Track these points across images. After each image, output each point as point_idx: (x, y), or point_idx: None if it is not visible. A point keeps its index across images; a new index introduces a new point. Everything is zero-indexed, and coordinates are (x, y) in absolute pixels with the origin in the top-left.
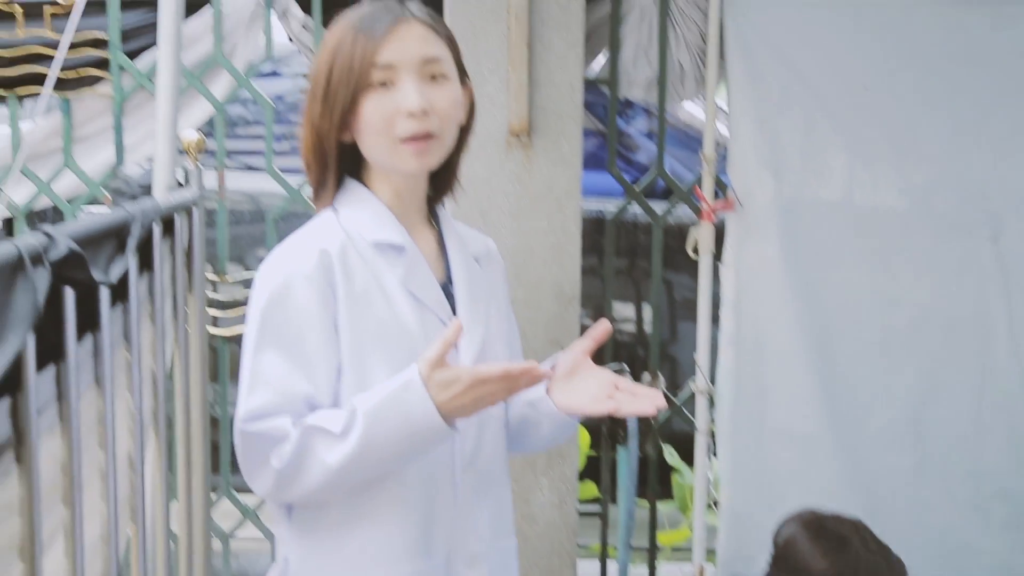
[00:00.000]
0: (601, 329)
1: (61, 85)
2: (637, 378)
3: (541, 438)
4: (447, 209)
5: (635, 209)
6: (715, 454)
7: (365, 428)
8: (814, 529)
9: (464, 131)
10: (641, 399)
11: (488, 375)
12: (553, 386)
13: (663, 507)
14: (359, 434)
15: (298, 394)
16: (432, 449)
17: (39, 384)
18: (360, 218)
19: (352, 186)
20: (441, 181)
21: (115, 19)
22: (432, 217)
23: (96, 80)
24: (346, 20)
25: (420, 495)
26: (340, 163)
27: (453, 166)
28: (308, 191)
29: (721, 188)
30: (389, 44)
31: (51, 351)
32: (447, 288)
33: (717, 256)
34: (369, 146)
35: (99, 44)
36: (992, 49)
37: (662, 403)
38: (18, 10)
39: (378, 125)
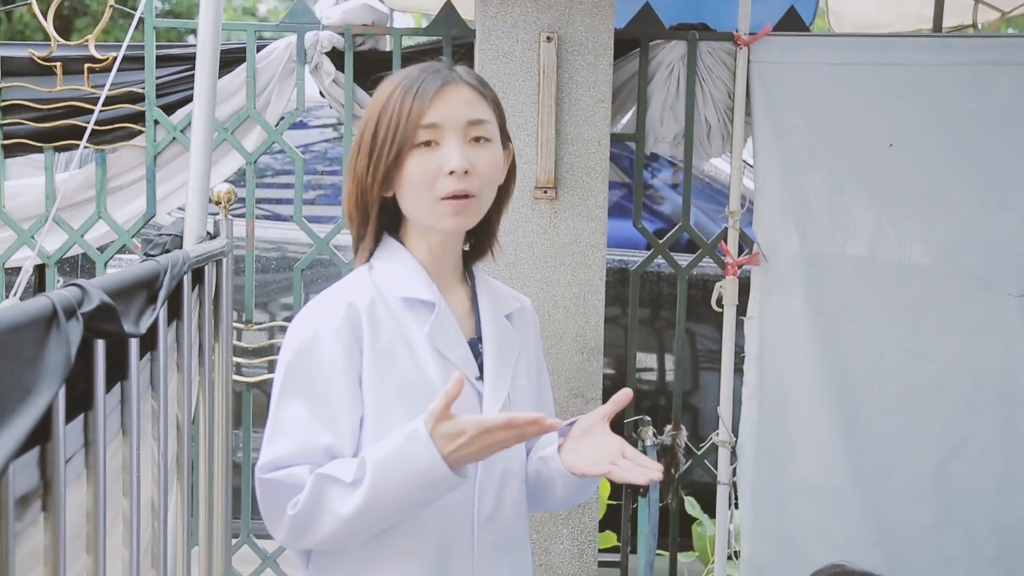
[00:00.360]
0: (623, 396)
1: (98, 138)
2: (659, 429)
3: (556, 497)
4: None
5: (657, 259)
6: (736, 506)
7: (374, 479)
8: None
9: (503, 191)
10: (639, 470)
11: (493, 424)
12: (566, 444)
13: (684, 558)
14: (368, 484)
15: (318, 445)
16: (444, 496)
17: (67, 433)
18: (392, 273)
19: (388, 242)
20: (479, 240)
21: (151, 74)
22: (467, 274)
23: (132, 133)
24: (396, 79)
25: (437, 548)
26: (380, 217)
27: (491, 225)
28: (334, 240)
29: (745, 242)
30: (436, 106)
31: (80, 400)
32: (476, 345)
33: (740, 309)
34: (409, 202)
35: (135, 98)
36: (1017, 108)
37: (658, 476)
38: (58, 66)
39: (420, 183)
